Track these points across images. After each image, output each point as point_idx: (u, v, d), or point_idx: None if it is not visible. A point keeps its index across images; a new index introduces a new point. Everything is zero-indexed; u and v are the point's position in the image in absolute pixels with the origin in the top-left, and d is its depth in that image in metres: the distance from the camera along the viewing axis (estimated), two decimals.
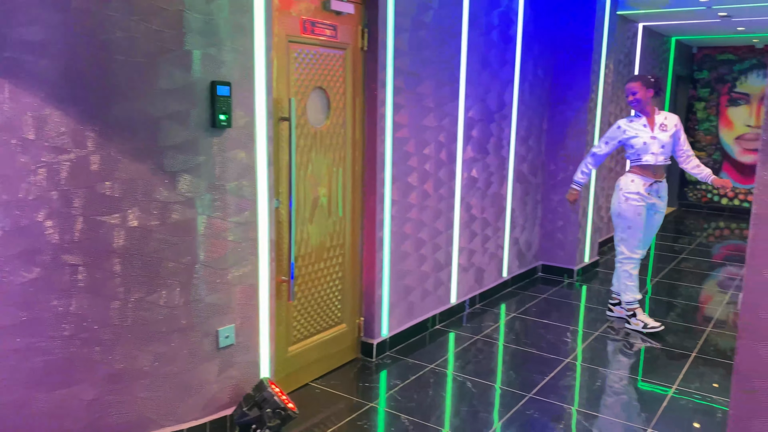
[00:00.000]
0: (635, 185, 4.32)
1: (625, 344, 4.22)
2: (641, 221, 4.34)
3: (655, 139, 4.28)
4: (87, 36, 2.37)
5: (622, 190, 4.36)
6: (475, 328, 4.42)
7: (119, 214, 2.50)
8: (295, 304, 3.35)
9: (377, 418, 3.15)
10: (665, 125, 4.34)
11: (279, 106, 3.05)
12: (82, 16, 2.36)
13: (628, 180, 4.35)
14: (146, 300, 2.60)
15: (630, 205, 4.32)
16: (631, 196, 4.32)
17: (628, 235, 4.39)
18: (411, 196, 4.00)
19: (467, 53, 4.37)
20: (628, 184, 4.35)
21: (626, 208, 4.34)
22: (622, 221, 4.38)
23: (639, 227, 4.35)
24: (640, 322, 4.39)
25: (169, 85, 2.54)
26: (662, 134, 4.31)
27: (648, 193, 4.32)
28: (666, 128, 4.33)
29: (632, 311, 4.46)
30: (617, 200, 4.40)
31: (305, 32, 3.17)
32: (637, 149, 4.30)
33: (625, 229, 4.38)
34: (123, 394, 2.62)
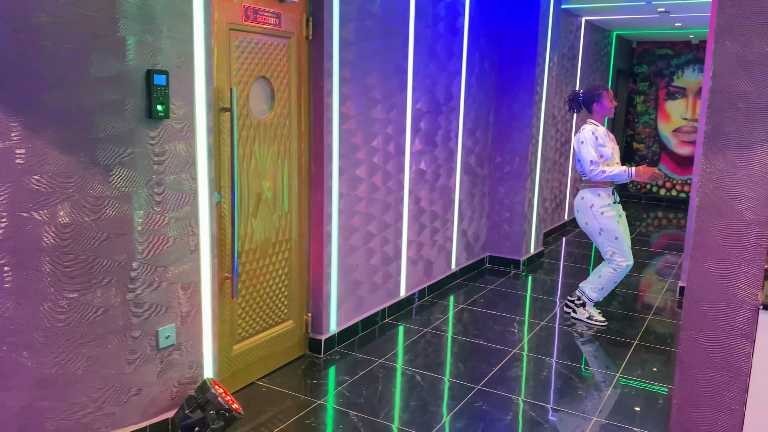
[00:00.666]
0: (603, 198, 4.29)
1: (570, 333, 4.30)
2: (623, 227, 4.33)
3: (615, 148, 4.35)
4: (12, 20, 2.20)
5: (594, 206, 4.28)
6: (424, 321, 4.41)
7: (48, 210, 2.35)
8: (240, 302, 3.25)
9: (326, 415, 3.10)
10: (609, 133, 4.41)
11: (220, 96, 2.94)
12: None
13: (595, 195, 4.29)
14: (80, 300, 2.46)
15: (607, 217, 4.27)
16: (606, 209, 4.28)
17: (618, 246, 4.31)
18: (359, 188, 3.94)
19: (414, 44, 4.33)
20: (596, 199, 4.29)
21: (606, 222, 4.27)
22: (608, 235, 4.30)
23: (624, 233, 4.32)
24: (587, 313, 4.47)
25: (101, 74, 2.40)
26: (616, 146, 4.39)
27: (614, 202, 4.32)
28: (611, 137, 4.40)
29: (583, 302, 4.51)
30: (593, 218, 4.30)
31: (247, 20, 3.06)
32: (605, 159, 4.26)
33: (613, 241, 4.31)
34: (56, 400, 2.48)
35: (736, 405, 1.90)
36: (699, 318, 1.93)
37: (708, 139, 1.87)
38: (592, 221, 4.33)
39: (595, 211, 4.30)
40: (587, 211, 4.33)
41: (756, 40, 1.80)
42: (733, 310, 1.88)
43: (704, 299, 1.92)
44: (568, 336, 4.25)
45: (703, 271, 1.90)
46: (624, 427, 3.05)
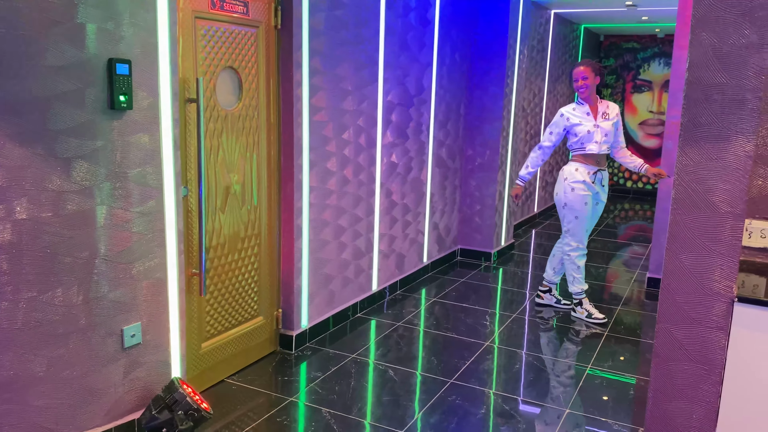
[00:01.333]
0: (580, 174, 4.25)
1: (541, 326, 4.31)
2: (587, 210, 4.29)
3: (599, 127, 4.24)
4: None
5: (567, 179, 4.28)
6: (397, 315, 4.38)
7: (4, 206, 2.24)
8: (208, 298, 3.17)
9: (297, 412, 3.05)
10: (607, 114, 4.30)
11: (186, 87, 2.84)
12: None
13: (572, 169, 4.28)
14: (39, 299, 2.36)
15: (577, 194, 4.25)
16: (577, 185, 4.24)
17: (575, 226, 4.32)
18: (330, 182, 3.88)
19: (385, 35, 4.27)
20: (573, 173, 4.27)
21: (573, 198, 4.26)
22: (569, 212, 4.31)
23: (585, 217, 4.30)
24: (585, 311, 4.44)
25: (59, 62, 2.28)
26: (605, 123, 4.26)
27: (593, 182, 4.26)
28: (608, 117, 4.29)
29: (579, 300, 4.47)
30: (563, 190, 4.31)
31: (214, 8, 2.96)
32: (580, 137, 4.23)
33: (572, 220, 4.31)
34: (14, 404, 2.37)
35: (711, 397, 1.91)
36: (674, 311, 1.93)
37: (684, 131, 1.86)
38: (560, 193, 4.36)
39: (566, 185, 4.30)
40: (561, 181, 4.36)
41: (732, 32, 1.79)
42: (708, 303, 1.88)
43: (679, 292, 1.92)
44: (538, 328, 4.27)
45: (679, 263, 1.90)
46: (595, 418, 3.07)
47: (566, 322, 4.37)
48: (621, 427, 2.99)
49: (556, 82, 8.20)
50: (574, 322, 4.40)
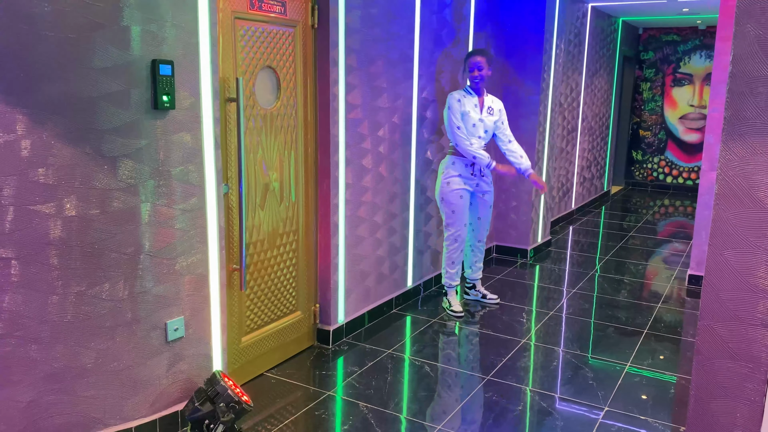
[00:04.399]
0: (456, 167, 4.16)
1: (579, 323, 4.27)
2: (464, 204, 4.21)
3: (482, 122, 4.12)
4: (10, 10, 2.17)
5: (443, 174, 4.20)
6: (432, 312, 4.39)
7: (54, 203, 2.33)
8: (248, 293, 3.23)
9: (335, 406, 3.09)
10: (492, 109, 4.18)
11: (226, 86, 2.90)
12: None
13: (450, 162, 4.18)
14: (87, 293, 2.44)
15: (452, 189, 4.16)
16: (453, 180, 4.15)
17: (453, 220, 4.24)
18: (365, 179, 3.91)
19: (420, 31, 4.27)
20: (449, 167, 4.18)
21: (448, 192, 4.18)
22: (446, 206, 4.22)
23: (462, 211, 4.22)
24: (447, 302, 4.41)
25: (105, 64, 2.36)
26: (489, 118, 4.15)
27: (471, 174, 4.16)
28: (492, 112, 4.17)
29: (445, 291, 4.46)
30: (439, 185, 4.23)
31: (253, 8, 3.01)
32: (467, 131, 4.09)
33: (450, 215, 4.23)
34: (64, 394, 2.47)
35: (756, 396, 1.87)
36: (717, 308, 1.90)
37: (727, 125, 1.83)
38: (437, 187, 4.27)
39: (442, 179, 4.22)
40: (438, 175, 4.27)
41: None
42: (753, 300, 1.85)
43: (723, 289, 1.89)
44: (576, 325, 4.23)
45: (722, 260, 1.87)
46: (634, 416, 3.03)
47: (605, 319, 4.32)
48: (662, 425, 2.95)
49: (593, 77, 8.07)
50: (616, 319, 4.35)
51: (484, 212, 4.41)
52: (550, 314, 4.39)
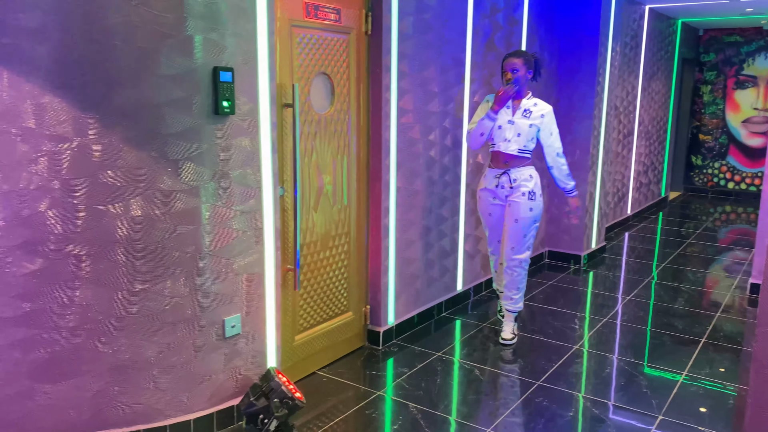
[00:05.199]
0: (485, 179, 3.87)
1: (634, 331, 4.18)
2: (494, 222, 3.90)
3: (513, 124, 3.69)
4: (84, 21, 2.31)
5: (479, 184, 3.97)
6: (482, 316, 4.38)
7: (122, 204, 2.46)
8: (301, 293, 3.31)
9: (385, 406, 3.13)
10: (529, 112, 3.71)
11: (282, 92, 3.00)
12: (81, 2, 2.30)
13: (484, 173, 3.92)
14: (151, 290, 2.57)
15: (481, 205, 3.93)
16: (482, 194, 3.90)
17: (488, 238, 4.02)
18: (416, 182, 3.95)
19: (472, 36, 4.29)
20: (482, 179, 3.93)
21: (479, 208, 3.97)
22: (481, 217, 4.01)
23: (489, 226, 3.93)
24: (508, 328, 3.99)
25: (170, 72, 2.48)
26: (522, 121, 3.69)
27: (496, 186, 3.78)
28: (529, 115, 3.71)
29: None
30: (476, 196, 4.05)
31: (308, 16, 3.10)
32: (491, 132, 3.74)
33: (484, 227, 4.02)
34: (129, 385, 2.60)
35: None
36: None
37: None
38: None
39: (477, 190, 3.99)
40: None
41: None
42: None
43: None
44: (631, 333, 4.14)
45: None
46: (691, 426, 2.96)
47: (661, 327, 4.22)
48: None
49: (651, 80, 7.89)
50: (672, 327, 4.24)
51: (509, 225, 3.79)
52: (604, 321, 4.32)
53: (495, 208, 3.87)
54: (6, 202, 2.33)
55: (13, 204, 2.34)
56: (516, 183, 3.75)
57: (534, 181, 3.78)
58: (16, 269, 2.37)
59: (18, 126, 2.31)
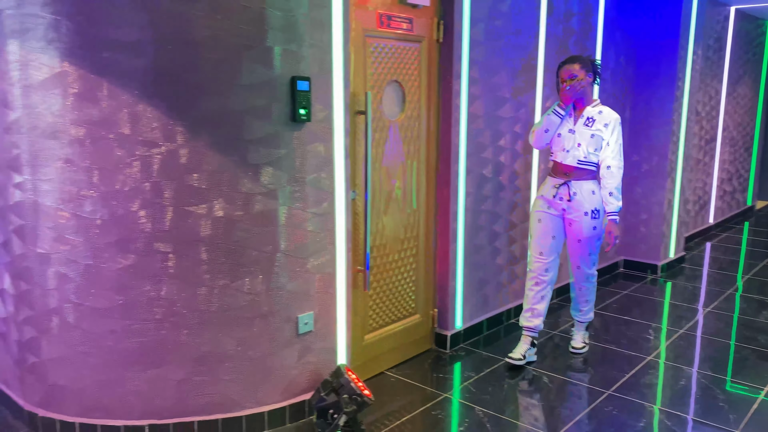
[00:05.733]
0: (544, 187, 3.63)
1: (715, 344, 4.03)
2: (542, 230, 3.59)
3: (573, 133, 3.47)
4: (175, 35, 2.50)
5: (538, 190, 3.78)
6: (552, 324, 4.34)
7: (206, 205, 2.63)
8: (371, 294, 3.40)
9: (451, 408, 3.17)
10: (592, 120, 3.45)
11: (356, 100, 3.10)
12: (171, 17, 2.48)
13: (544, 180, 3.70)
14: (231, 286, 2.72)
15: (533, 205, 3.70)
16: (537, 201, 3.65)
17: (531, 243, 3.67)
18: (485, 188, 3.97)
19: (546, 41, 4.28)
20: (540, 184, 3.75)
21: (531, 213, 3.71)
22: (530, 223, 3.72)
23: (537, 236, 3.60)
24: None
25: (251, 81, 2.64)
26: (584, 130, 3.45)
27: (553, 196, 3.54)
28: (592, 124, 3.45)
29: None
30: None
31: (382, 26, 3.20)
32: (551, 139, 3.55)
33: (530, 235, 3.70)
34: (209, 376, 2.76)
35: None
36: None
37: None
38: None
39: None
40: None
41: None
42: None
43: None
44: (710, 345, 3.99)
45: None
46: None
47: (744, 341, 4.04)
48: None
49: (736, 84, 7.54)
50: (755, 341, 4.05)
51: (571, 245, 3.62)
52: (681, 332, 4.18)
53: (547, 217, 3.58)
54: (103, 202, 2.55)
55: (110, 204, 2.55)
56: (576, 198, 3.48)
57: (597, 197, 3.49)
58: (111, 264, 2.58)
59: (115, 132, 2.52)
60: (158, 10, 2.47)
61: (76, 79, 2.49)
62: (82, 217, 2.58)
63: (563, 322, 4.36)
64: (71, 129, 2.53)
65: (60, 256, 2.63)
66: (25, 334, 2.80)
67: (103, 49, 2.47)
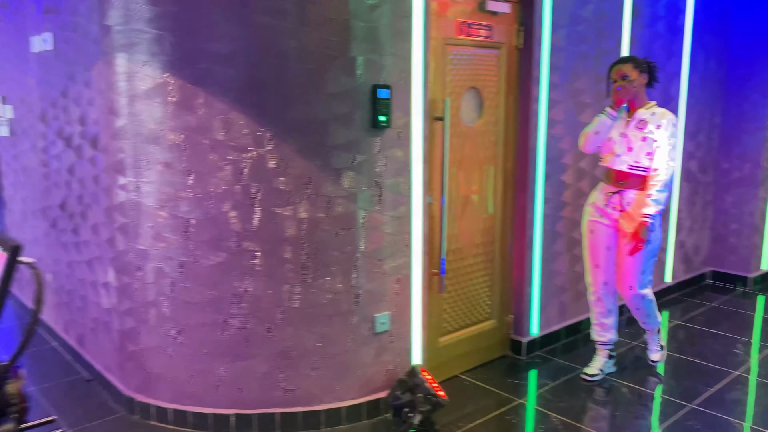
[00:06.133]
0: (596, 193, 3.44)
1: None
2: (595, 241, 3.41)
3: (625, 137, 3.27)
4: (266, 47, 2.66)
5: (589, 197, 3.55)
6: (633, 334, 4.23)
7: (291, 207, 2.77)
8: (446, 297, 3.45)
9: (526, 414, 3.17)
10: (645, 122, 3.23)
11: (434, 106, 3.17)
12: (262, 30, 2.65)
13: (597, 186, 3.50)
14: (312, 285, 2.85)
15: (583, 215, 3.51)
16: (587, 208, 3.47)
17: (585, 255, 3.51)
18: (564, 194, 3.93)
19: (630, 46, 4.19)
20: (592, 191, 3.54)
21: (582, 223, 3.53)
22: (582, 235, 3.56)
23: (591, 247, 3.45)
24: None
25: (335, 90, 2.76)
26: (635, 133, 3.24)
27: (605, 204, 3.35)
28: (644, 127, 3.23)
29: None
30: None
31: (461, 34, 3.26)
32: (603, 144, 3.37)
33: (583, 246, 3.54)
34: (291, 370, 2.90)
35: None
36: None
37: None
38: None
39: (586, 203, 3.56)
40: None
41: None
42: None
43: None
44: None
45: None
46: None
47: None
48: None
49: None
50: None
51: (624, 259, 3.35)
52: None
53: (599, 227, 3.39)
54: (198, 203, 2.74)
55: (203, 205, 2.74)
56: (629, 209, 3.28)
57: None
58: (204, 261, 2.77)
59: (209, 138, 2.70)
60: (251, 23, 2.64)
61: (175, 88, 2.70)
62: (179, 216, 2.78)
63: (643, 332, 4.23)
64: (170, 135, 2.74)
65: (158, 253, 2.85)
66: (126, 324, 3.05)
67: (200, 61, 2.66)
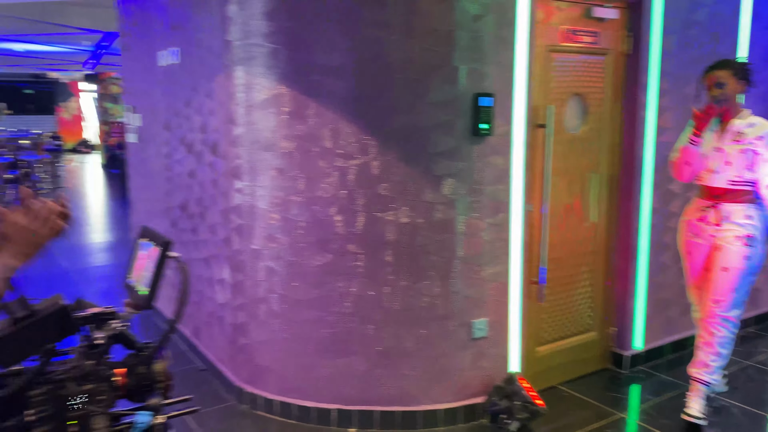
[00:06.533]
0: (690, 209, 3.20)
1: None
2: (692, 262, 3.18)
3: (721, 152, 2.99)
4: (373, 59, 2.78)
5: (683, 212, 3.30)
6: (747, 353, 3.99)
7: (393, 212, 2.88)
8: (545, 306, 3.42)
9: (627, 429, 3.09)
10: (743, 135, 2.95)
11: (536, 114, 3.17)
12: (370, 42, 2.78)
13: (691, 200, 3.26)
14: (412, 288, 2.94)
15: (678, 233, 3.28)
16: (682, 225, 3.24)
17: (686, 275, 3.27)
18: (674, 204, 3.78)
19: (749, 48, 3.97)
20: (686, 205, 3.30)
21: (677, 238, 3.30)
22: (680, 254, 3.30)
23: (689, 268, 3.22)
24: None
25: (437, 99, 2.84)
26: (732, 146, 2.96)
27: (700, 219, 3.09)
28: (742, 140, 2.95)
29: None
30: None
31: (566, 41, 3.24)
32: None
33: (683, 266, 3.29)
34: (390, 369, 3.00)
35: None
36: None
37: None
38: None
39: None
40: None
41: None
42: None
43: None
44: None
45: None
46: None
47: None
48: None
49: None
50: None
51: (717, 274, 3.02)
52: None
53: (695, 248, 3.14)
54: (307, 207, 2.91)
55: (312, 209, 2.91)
56: (727, 222, 3.01)
57: (756, 223, 2.98)
58: (311, 261, 2.93)
59: (319, 146, 2.86)
60: (359, 36, 2.77)
61: (289, 99, 2.89)
62: (289, 219, 2.96)
63: (759, 351, 3.99)
64: (283, 143, 2.92)
65: (269, 252, 3.04)
66: (238, 318, 3.27)
67: (312, 73, 2.83)
